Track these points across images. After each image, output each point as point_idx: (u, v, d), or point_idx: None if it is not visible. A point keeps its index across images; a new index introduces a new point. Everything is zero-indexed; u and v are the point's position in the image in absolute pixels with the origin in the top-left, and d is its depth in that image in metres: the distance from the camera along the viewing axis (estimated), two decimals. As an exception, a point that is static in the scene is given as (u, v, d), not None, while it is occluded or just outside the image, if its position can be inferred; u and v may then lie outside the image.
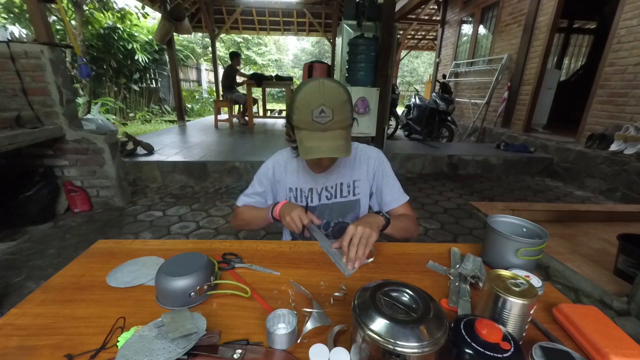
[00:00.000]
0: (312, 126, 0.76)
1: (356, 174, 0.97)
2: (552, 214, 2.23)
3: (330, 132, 0.76)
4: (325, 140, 0.76)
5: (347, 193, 0.97)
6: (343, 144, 0.77)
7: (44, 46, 2.18)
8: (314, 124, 0.75)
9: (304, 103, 0.76)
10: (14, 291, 1.60)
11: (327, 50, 18.45)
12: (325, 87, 0.75)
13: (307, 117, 0.75)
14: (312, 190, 0.96)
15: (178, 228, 2.34)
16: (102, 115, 5.70)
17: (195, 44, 12.39)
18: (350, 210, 0.98)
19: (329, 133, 0.76)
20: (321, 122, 0.75)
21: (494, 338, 0.41)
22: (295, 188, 0.96)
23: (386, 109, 3.49)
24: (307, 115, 0.75)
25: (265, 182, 0.98)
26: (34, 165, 2.43)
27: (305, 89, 0.76)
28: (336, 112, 0.75)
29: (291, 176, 0.97)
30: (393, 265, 0.75)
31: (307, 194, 0.96)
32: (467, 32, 6.53)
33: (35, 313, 0.57)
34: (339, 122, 0.77)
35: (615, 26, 3.36)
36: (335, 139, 0.77)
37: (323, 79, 0.76)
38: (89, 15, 6.84)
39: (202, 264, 0.62)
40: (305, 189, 0.96)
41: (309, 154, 0.76)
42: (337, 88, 0.76)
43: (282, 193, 0.99)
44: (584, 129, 3.79)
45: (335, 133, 0.77)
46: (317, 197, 0.96)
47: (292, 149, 0.96)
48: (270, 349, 0.49)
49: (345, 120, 0.78)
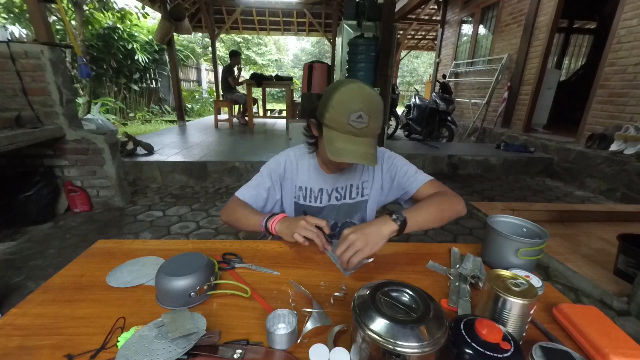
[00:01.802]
0: (346, 129, 0.74)
1: (365, 175, 0.96)
2: (552, 214, 2.23)
3: (362, 138, 0.75)
4: (357, 145, 0.74)
5: (356, 194, 0.96)
6: (373, 152, 0.76)
7: (44, 46, 2.18)
8: (349, 127, 0.73)
9: (341, 103, 0.73)
10: (14, 291, 1.61)
11: (327, 50, 18.44)
12: (365, 92, 0.73)
13: (343, 118, 0.73)
14: (323, 191, 0.94)
15: (178, 228, 2.34)
16: (102, 115, 5.70)
17: (195, 44, 12.39)
18: (357, 211, 0.98)
19: (361, 139, 0.75)
20: (357, 127, 0.73)
21: (494, 338, 0.41)
22: (306, 187, 0.95)
23: (386, 109, 3.49)
24: (344, 116, 0.73)
25: (274, 176, 0.95)
26: (34, 165, 2.43)
27: (345, 90, 0.74)
28: (372, 119, 0.73)
29: (302, 174, 0.95)
30: (393, 265, 0.75)
31: (317, 194, 0.95)
32: (467, 32, 6.53)
33: (35, 313, 0.57)
34: (373, 129, 0.75)
35: (615, 26, 3.36)
36: (366, 145, 0.75)
37: (362, 83, 0.75)
38: (89, 15, 6.84)
39: (202, 264, 0.62)
40: (316, 189, 0.95)
41: (340, 156, 0.74)
42: (376, 95, 0.75)
43: (289, 191, 0.96)
44: (584, 129, 3.79)
45: (367, 140, 0.75)
46: (326, 198, 0.95)
47: (307, 145, 0.93)
48: (270, 349, 0.49)
49: (378, 129, 0.77)
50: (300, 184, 0.95)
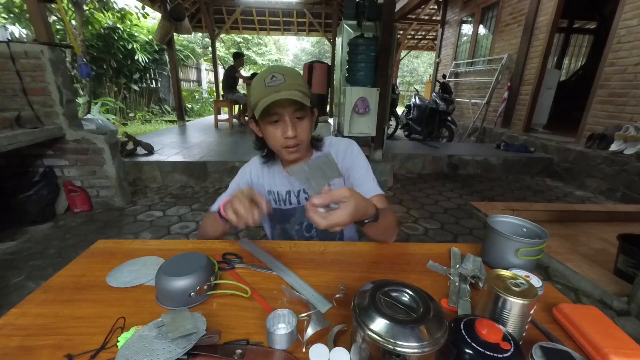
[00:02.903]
0: (265, 91, 0.74)
1: None
2: (552, 214, 2.23)
3: (284, 91, 0.74)
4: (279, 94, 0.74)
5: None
6: (300, 95, 0.74)
7: (44, 46, 2.18)
8: (267, 89, 0.74)
9: (255, 82, 0.78)
10: (14, 291, 1.61)
11: (327, 50, 18.44)
12: (274, 67, 0.78)
13: (260, 88, 0.75)
14: (290, 193, 0.94)
15: (178, 228, 2.34)
16: (102, 115, 5.71)
17: (195, 44, 12.39)
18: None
19: (284, 92, 0.74)
20: (274, 85, 0.74)
21: (494, 338, 0.41)
22: (274, 191, 0.95)
23: (386, 109, 3.49)
24: (260, 86, 0.75)
25: (243, 186, 0.95)
26: (34, 165, 2.43)
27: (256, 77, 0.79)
28: (287, 76, 0.75)
29: (269, 179, 0.96)
30: (393, 265, 0.75)
31: (285, 197, 0.94)
32: (467, 32, 6.53)
33: (35, 313, 0.57)
34: (291, 84, 0.75)
35: (615, 26, 3.36)
36: (290, 92, 0.74)
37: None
38: (89, 15, 6.84)
39: (202, 264, 0.62)
40: (283, 192, 0.94)
41: (264, 105, 0.73)
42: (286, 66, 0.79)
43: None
44: (584, 129, 3.79)
45: (291, 92, 0.74)
46: (295, 199, 0.94)
47: (260, 157, 0.95)
48: (270, 349, 0.49)
49: (300, 86, 0.76)
50: (269, 187, 0.96)
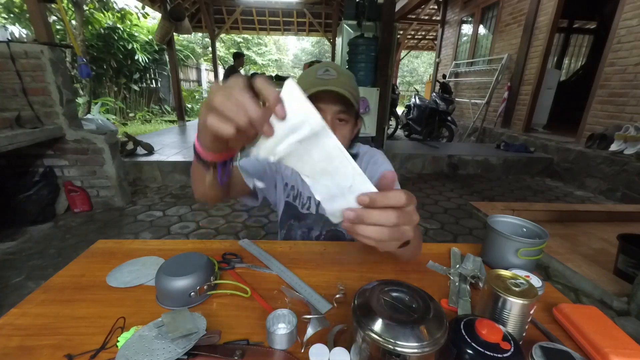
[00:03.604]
0: (315, 83, 0.69)
1: None
2: (552, 214, 2.23)
3: (332, 87, 0.69)
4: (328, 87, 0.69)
5: None
6: (349, 94, 0.69)
7: (44, 46, 2.18)
8: (317, 80, 0.70)
9: (305, 73, 0.73)
10: (14, 291, 1.61)
11: (327, 50, 18.45)
12: (330, 62, 0.75)
13: (309, 77, 0.71)
14: (310, 200, 0.89)
15: (178, 228, 2.34)
16: (102, 115, 5.71)
17: (195, 44, 12.40)
18: None
19: (334, 88, 0.69)
20: (325, 78, 0.70)
21: (494, 338, 0.41)
22: (297, 188, 0.90)
23: (386, 109, 3.49)
24: (310, 77, 0.71)
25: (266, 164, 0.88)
26: (34, 165, 2.43)
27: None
28: (341, 75, 0.71)
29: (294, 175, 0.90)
30: (393, 265, 0.75)
31: (306, 201, 0.89)
32: (467, 32, 6.53)
33: (35, 313, 0.57)
34: (345, 84, 0.70)
35: (615, 26, 3.36)
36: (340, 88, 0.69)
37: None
38: (89, 15, 6.84)
39: (202, 264, 0.62)
40: (305, 195, 0.89)
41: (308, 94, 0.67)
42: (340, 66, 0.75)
43: (281, 186, 0.92)
44: (584, 129, 3.79)
45: (340, 89, 0.69)
46: (314, 207, 0.89)
47: None
48: (270, 349, 0.49)
49: (352, 88, 0.72)
50: (292, 184, 0.91)
